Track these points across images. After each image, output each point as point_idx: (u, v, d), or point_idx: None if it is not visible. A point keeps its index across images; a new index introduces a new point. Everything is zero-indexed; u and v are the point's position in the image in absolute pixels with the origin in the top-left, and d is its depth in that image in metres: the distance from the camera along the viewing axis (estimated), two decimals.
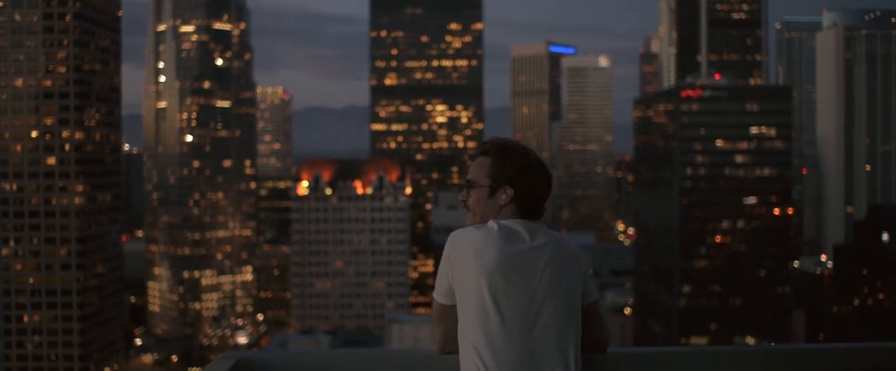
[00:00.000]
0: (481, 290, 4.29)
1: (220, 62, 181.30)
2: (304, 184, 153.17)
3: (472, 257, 4.30)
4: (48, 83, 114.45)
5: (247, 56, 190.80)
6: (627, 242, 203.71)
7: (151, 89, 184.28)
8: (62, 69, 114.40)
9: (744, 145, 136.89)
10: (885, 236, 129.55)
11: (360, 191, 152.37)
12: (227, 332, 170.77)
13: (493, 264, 4.26)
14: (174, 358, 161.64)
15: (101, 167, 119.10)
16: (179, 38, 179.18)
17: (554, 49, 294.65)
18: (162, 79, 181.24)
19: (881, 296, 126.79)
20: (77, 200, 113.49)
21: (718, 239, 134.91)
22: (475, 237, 4.34)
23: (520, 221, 4.44)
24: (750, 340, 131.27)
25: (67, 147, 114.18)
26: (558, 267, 4.36)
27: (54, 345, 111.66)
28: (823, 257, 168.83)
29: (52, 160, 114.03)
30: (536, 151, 4.55)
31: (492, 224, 4.41)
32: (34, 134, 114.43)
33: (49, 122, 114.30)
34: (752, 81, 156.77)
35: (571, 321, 4.38)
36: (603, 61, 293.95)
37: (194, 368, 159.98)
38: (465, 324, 4.37)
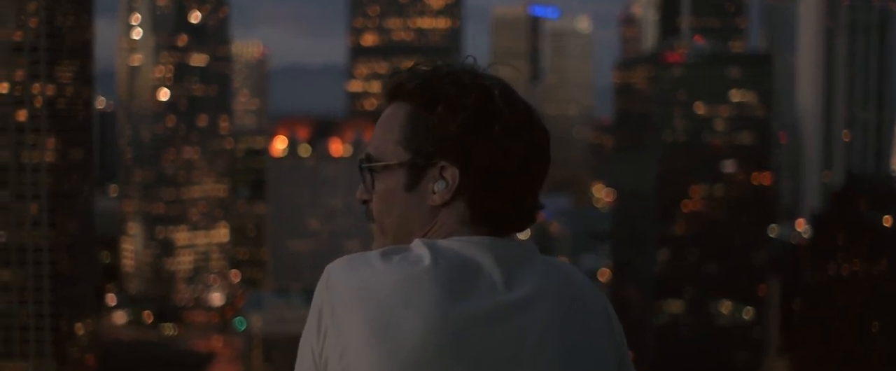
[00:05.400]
0: None
1: (196, 17, 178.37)
2: (280, 143, 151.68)
3: (369, 330, 1.85)
4: (18, 36, 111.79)
5: (223, 12, 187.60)
6: (603, 206, 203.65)
7: (125, 45, 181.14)
8: (33, 22, 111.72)
9: (724, 111, 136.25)
10: (862, 205, 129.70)
11: (336, 151, 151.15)
12: (202, 290, 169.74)
13: (418, 348, 1.83)
14: (148, 316, 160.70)
15: (73, 122, 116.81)
16: None
17: (535, 11, 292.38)
18: (136, 34, 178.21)
19: (856, 265, 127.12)
20: (48, 156, 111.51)
21: (696, 205, 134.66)
22: (381, 283, 1.89)
23: (480, 242, 1.98)
24: (725, 307, 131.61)
25: (38, 102, 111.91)
26: (567, 346, 1.97)
27: (25, 303, 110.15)
28: (799, 225, 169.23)
29: (22, 115, 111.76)
30: (512, 85, 2.13)
31: (420, 249, 1.95)
32: (4, 88, 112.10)
33: (19, 75, 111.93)
34: (733, 47, 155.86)
35: None
36: (584, 24, 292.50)
37: (168, 326, 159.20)
38: None
